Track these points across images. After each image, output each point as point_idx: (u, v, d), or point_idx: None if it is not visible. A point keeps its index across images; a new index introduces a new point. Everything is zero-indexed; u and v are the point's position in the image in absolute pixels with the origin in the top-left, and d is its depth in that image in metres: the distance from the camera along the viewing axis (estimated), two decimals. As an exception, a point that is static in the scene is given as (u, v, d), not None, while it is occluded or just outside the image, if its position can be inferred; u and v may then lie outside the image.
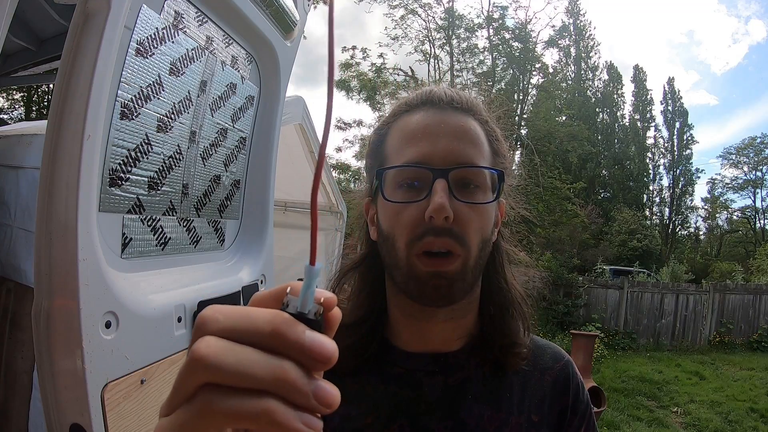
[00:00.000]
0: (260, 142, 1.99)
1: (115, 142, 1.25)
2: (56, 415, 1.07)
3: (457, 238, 0.58)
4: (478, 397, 0.64)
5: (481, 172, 0.61)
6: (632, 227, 20.34)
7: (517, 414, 0.64)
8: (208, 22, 1.57)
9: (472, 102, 0.66)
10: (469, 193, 0.60)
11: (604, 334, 9.14)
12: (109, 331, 1.12)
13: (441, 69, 20.79)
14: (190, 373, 0.24)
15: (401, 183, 0.61)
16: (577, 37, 25.74)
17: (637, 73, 29.72)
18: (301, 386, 0.24)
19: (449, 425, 0.62)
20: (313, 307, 0.25)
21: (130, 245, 1.35)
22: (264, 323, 0.24)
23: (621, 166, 27.21)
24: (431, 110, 0.63)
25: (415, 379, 0.65)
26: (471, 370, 0.66)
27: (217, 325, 0.25)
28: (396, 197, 0.61)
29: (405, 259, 0.60)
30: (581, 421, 0.68)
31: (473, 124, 0.64)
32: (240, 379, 0.23)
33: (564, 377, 0.69)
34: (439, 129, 0.61)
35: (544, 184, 16.24)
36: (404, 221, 0.60)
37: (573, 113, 22.60)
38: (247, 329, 0.24)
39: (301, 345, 0.24)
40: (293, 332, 0.24)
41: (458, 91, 0.67)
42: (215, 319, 0.25)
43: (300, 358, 0.24)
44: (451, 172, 0.59)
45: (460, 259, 0.59)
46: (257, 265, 1.94)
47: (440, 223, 0.57)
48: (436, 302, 0.61)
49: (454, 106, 0.64)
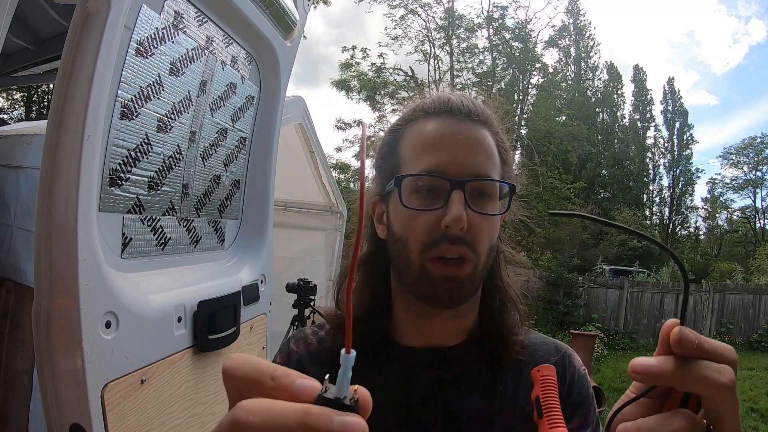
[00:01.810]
0: (260, 142, 1.99)
1: (115, 142, 1.25)
2: (56, 415, 1.07)
3: (469, 245, 0.62)
4: (472, 390, 0.66)
5: (494, 183, 0.65)
6: (632, 227, 20.28)
7: (511, 407, 0.65)
8: (208, 22, 1.57)
9: (487, 114, 0.68)
10: (482, 204, 0.63)
11: (604, 334, 9.15)
12: (109, 331, 1.12)
13: (441, 69, 20.81)
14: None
15: (418, 189, 0.64)
16: (577, 37, 25.75)
17: (637, 73, 29.72)
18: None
19: (441, 418, 0.64)
20: (348, 393, 0.27)
21: (130, 245, 1.35)
22: (293, 422, 0.26)
23: (621, 166, 27.21)
24: (449, 119, 0.66)
25: (411, 372, 0.67)
26: (467, 365, 0.68)
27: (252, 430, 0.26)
28: (412, 203, 0.64)
29: (418, 262, 0.63)
30: (574, 411, 0.67)
31: (487, 135, 0.66)
32: None
33: (561, 368, 0.69)
34: (456, 139, 0.64)
35: (544, 184, 16.24)
36: (419, 227, 0.63)
37: (573, 113, 22.61)
38: (279, 427, 0.26)
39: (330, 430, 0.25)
40: (322, 423, 0.25)
41: (474, 101, 0.69)
42: (250, 424, 0.26)
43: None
44: (468, 184, 0.62)
45: (471, 264, 0.62)
46: (257, 265, 1.94)
47: (456, 233, 0.60)
48: (446, 304, 0.64)
49: (472, 118, 0.66)
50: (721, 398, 0.34)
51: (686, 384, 0.34)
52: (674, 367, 0.33)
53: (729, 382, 0.33)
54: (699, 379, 0.33)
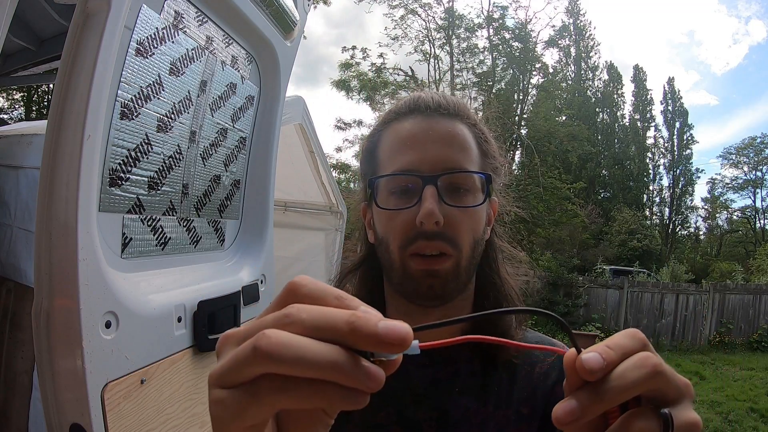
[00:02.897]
0: (260, 142, 1.99)
1: (115, 142, 1.25)
2: (56, 415, 1.07)
3: (448, 240, 0.61)
4: (465, 390, 0.66)
5: (470, 176, 0.64)
6: (632, 227, 20.36)
7: (505, 407, 0.65)
8: (208, 22, 1.57)
9: (460, 106, 0.68)
10: (458, 197, 0.63)
11: (604, 334, 9.13)
12: (109, 331, 1.12)
13: (441, 69, 20.76)
14: (252, 362, 0.26)
15: (393, 190, 0.64)
16: (577, 37, 25.76)
17: (637, 73, 29.74)
18: (350, 367, 0.26)
19: (434, 416, 0.64)
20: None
21: (130, 245, 1.35)
22: (343, 323, 0.27)
23: (621, 166, 27.22)
24: (419, 117, 0.66)
25: (405, 371, 0.66)
26: (461, 364, 0.68)
27: (301, 325, 0.27)
28: (388, 204, 0.64)
29: (399, 261, 0.63)
30: None
31: (461, 128, 0.66)
32: (298, 371, 0.26)
33: (559, 367, 0.68)
34: (426, 136, 0.64)
35: (544, 184, 16.23)
36: (396, 226, 0.63)
37: (573, 113, 22.59)
38: (328, 329, 0.27)
39: (376, 335, 0.26)
40: (367, 324, 0.26)
41: (445, 95, 0.69)
42: (300, 319, 0.27)
43: (379, 347, 0.27)
44: (440, 178, 0.61)
45: (452, 259, 0.62)
46: (257, 265, 1.94)
47: (430, 228, 0.60)
48: (430, 301, 0.64)
49: (441, 112, 0.66)
50: (656, 384, 0.31)
51: (619, 400, 0.31)
52: (598, 395, 0.31)
53: (653, 367, 0.31)
54: (628, 388, 0.31)
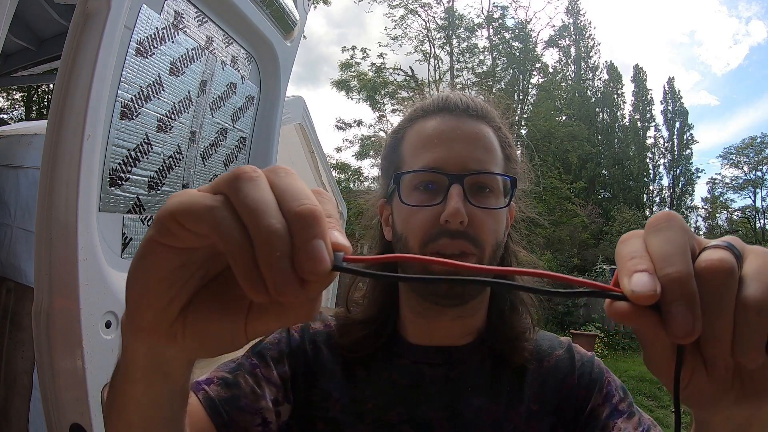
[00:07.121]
0: (260, 142, 1.99)
1: (115, 142, 1.25)
2: (56, 415, 1.07)
3: (471, 240, 0.60)
4: (477, 389, 0.65)
5: (495, 177, 0.64)
6: (632, 227, 20.25)
7: (516, 405, 0.65)
8: (208, 22, 1.57)
9: (487, 109, 0.68)
10: (483, 198, 0.62)
11: (604, 334, 9.15)
12: (109, 331, 1.12)
13: (441, 69, 20.81)
14: (223, 186, 0.27)
15: (417, 186, 0.63)
16: (577, 37, 25.74)
17: (637, 73, 29.71)
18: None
19: (446, 416, 0.64)
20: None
21: (131, 245, 1.35)
22: (307, 199, 0.27)
23: (621, 166, 27.20)
24: (447, 116, 0.66)
25: (417, 370, 0.67)
26: (473, 364, 0.67)
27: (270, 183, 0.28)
28: (412, 200, 0.63)
29: None
30: (591, 390, 0.64)
31: (487, 130, 0.66)
32: (248, 220, 0.26)
33: (567, 359, 0.68)
34: (454, 135, 0.64)
35: (544, 184, 16.23)
36: (418, 223, 0.62)
37: (573, 113, 22.61)
38: (293, 196, 0.27)
39: (316, 236, 0.26)
40: (321, 224, 0.27)
41: (473, 97, 0.69)
42: (271, 180, 0.28)
43: (308, 250, 0.26)
44: (466, 178, 0.61)
45: (474, 259, 0.61)
46: (257, 265, 1.94)
47: (455, 227, 0.59)
48: (450, 301, 0.63)
49: (470, 113, 0.66)
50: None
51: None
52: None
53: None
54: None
